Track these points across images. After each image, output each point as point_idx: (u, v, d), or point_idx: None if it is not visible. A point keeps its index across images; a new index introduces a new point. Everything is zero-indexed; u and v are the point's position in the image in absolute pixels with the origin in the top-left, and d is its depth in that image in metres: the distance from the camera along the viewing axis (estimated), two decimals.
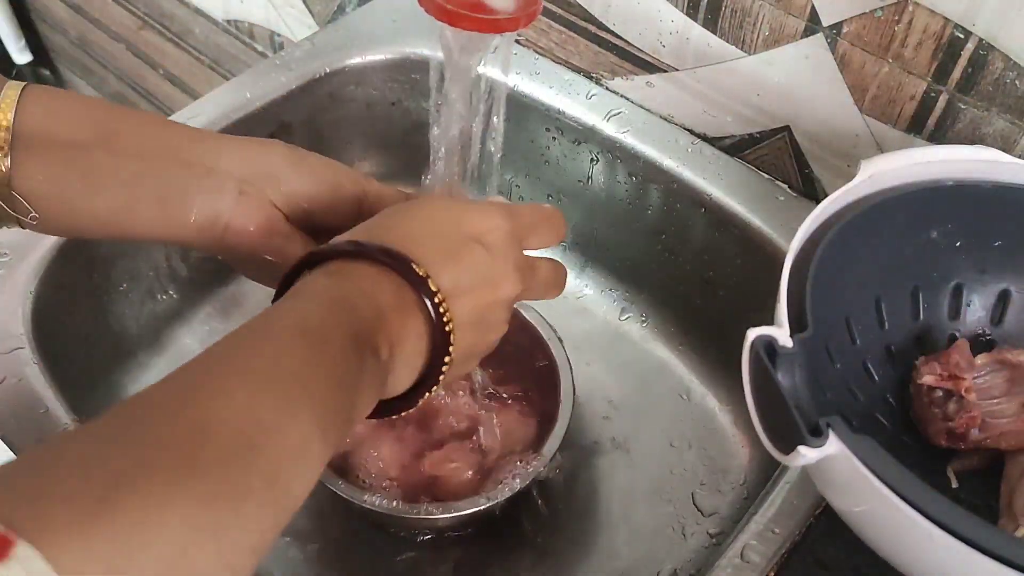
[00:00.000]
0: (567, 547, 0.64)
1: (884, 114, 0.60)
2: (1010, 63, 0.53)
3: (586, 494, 0.66)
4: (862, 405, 0.48)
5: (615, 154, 0.72)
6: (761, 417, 0.40)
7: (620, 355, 0.75)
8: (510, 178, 0.80)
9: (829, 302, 0.45)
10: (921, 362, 0.49)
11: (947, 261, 0.51)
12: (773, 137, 0.67)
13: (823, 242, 0.46)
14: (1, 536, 0.22)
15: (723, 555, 0.49)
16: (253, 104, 0.71)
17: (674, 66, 0.69)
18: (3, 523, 0.23)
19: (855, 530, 0.42)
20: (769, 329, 0.40)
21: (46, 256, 0.61)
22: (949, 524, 0.35)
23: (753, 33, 0.63)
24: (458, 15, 0.45)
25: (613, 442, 0.69)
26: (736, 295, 0.69)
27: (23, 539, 0.22)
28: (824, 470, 0.40)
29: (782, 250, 0.62)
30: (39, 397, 0.54)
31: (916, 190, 0.50)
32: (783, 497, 0.51)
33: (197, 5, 1.13)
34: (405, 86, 0.78)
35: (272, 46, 1.08)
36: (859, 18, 0.57)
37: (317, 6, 0.96)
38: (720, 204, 0.67)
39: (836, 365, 0.48)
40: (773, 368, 0.39)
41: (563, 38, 0.75)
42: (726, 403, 0.71)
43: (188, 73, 1.27)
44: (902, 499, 0.36)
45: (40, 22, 1.53)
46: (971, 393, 0.46)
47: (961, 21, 0.53)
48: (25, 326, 0.58)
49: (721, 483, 0.67)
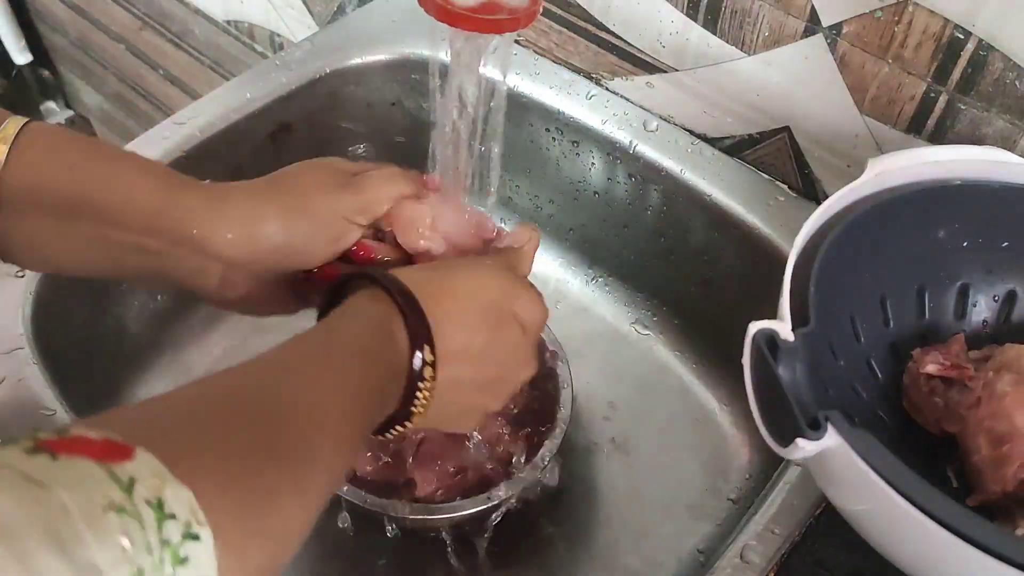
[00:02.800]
0: (567, 547, 0.64)
1: (884, 114, 0.60)
2: (1010, 63, 0.53)
3: (586, 494, 0.66)
4: (865, 402, 0.48)
5: (615, 154, 0.72)
6: (761, 410, 0.40)
7: (620, 355, 0.75)
8: (510, 179, 0.80)
9: (834, 299, 0.45)
10: (919, 353, 0.49)
11: (953, 261, 0.51)
12: (773, 137, 0.67)
13: (828, 238, 0.46)
14: (123, 445, 0.26)
15: (723, 555, 0.49)
16: (253, 104, 0.71)
17: (674, 66, 0.69)
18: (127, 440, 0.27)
19: (854, 526, 0.42)
20: (771, 323, 0.41)
21: None
22: (945, 519, 0.35)
23: (753, 34, 0.63)
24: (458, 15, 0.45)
25: (613, 443, 0.69)
26: (736, 295, 0.69)
27: (141, 447, 0.27)
28: (823, 464, 0.40)
29: (782, 250, 0.63)
30: (39, 397, 0.54)
31: (923, 189, 0.50)
32: (783, 497, 0.51)
33: (197, 5, 1.13)
34: (405, 86, 0.78)
35: (272, 46, 1.08)
36: (859, 18, 0.57)
37: (317, 6, 0.96)
38: (720, 204, 0.67)
39: (840, 362, 0.48)
40: (774, 361, 0.39)
41: (563, 39, 0.75)
42: (726, 403, 0.71)
43: (188, 73, 1.27)
44: (899, 493, 0.36)
45: (40, 22, 1.53)
46: (975, 381, 0.47)
47: (961, 21, 0.53)
48: (25, 326, 0.58)
49: (721, 483, 0.67)
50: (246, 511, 0.30)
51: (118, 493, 0.25)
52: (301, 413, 0.35)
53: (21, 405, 0.54)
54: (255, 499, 0.30)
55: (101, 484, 0.25)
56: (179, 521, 0.26)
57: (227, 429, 0.32)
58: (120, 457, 0.26)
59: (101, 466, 0.25)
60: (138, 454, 0.27)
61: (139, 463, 0.26)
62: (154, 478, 0.26)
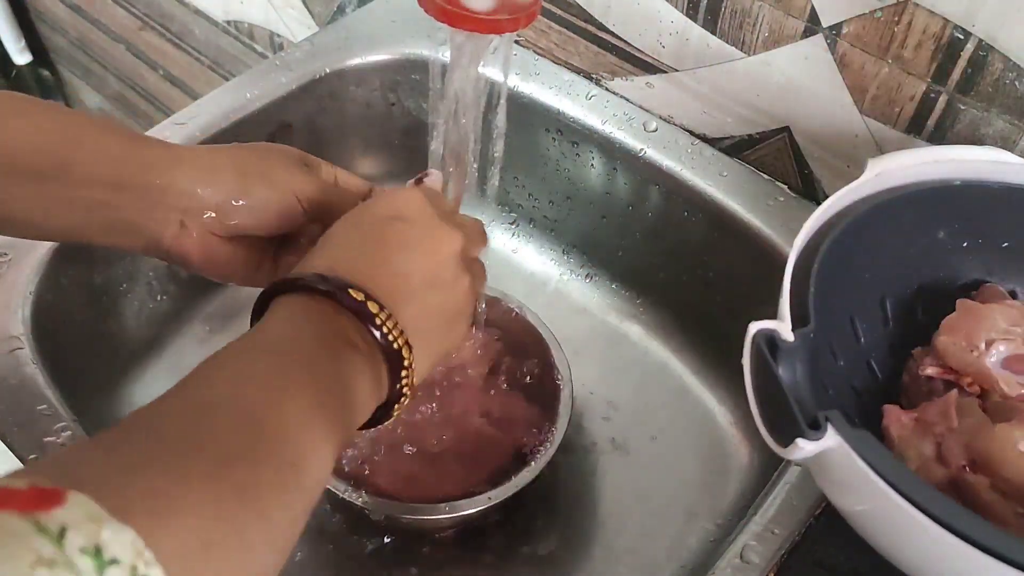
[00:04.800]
0: (566, 548, 0.64)
1: (884, 115, 0.60)
2: (1010, 64, 0.53)
3: (586, 494, 0.66)
4: (865, 403, 0.48)
5: (615, 155, 0.72)
6: (761, 410, 0.40)
7: (620, 355, 0.75)
8: (510, 179, 0.80)
9: (834, 300, 0.45)
10: (919, 353, 0.49)
11: (954, 261, 0.51)
12: (773, 138, 0.67)
13: (829, 238, 0.46)
14: (52, 490, 0.24)
15: (723, 555, 0.49)
16: (253, 104, 0.71)
17: (674, 67, 0.69)
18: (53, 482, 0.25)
19: (854, 526, 0.42)
20: (771, 323, 0.41)
21: (46, 256, 0.61)
22: (945, 519, 0.35)
23: (753, 34, 0.63)
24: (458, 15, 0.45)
25: (613, 442, 0.69)
26: (736, 295, 0.69)
27: (74, 489, 0.25)
28: (822, 464, 0.40)
29: (782, 250, 0.63)
30: (39, 397, 0.54)
31: (924, 189, 0.50)
32: (783, 497, 0.51)
33: (197, 6, 1.13)
34: (405, 86, 0.78)
35: (272, 47, 1.08)
36: (859, 19, 0.57)
37: (317, 7, 0.96)
38: (720, 205, 0.67)
39: (840, 363, 0.48)
40: (774, 362, 0.39)
41: (563, 39, 0.75)
42: (726, 403, 0.71)
43: (188, 74, 1.27)
44: (899, 493, 0.36)
45: (40, 22, 1.53)
46: (973, 385, 0.47)
47: (961, 22, 0.53)
48: (25, 326, 0.58)
49: (721, 483, 0.67)
50: (202, 544, 0.27)
51: (47, 547, 0.23)
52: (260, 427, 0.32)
53: (21, 405, 0.54)
54: (212, 528, 0.28)
55: (26, 539, 0.23)
56: (123, 565, 0.24)
57: (169, 456, 0.29)
58: (49, 504, 0.24)
59: (26, 519, 0.23)
60: (69, 497, 0.25)
61: (71, 508, 0.24)
62: (89, 523, 0.24)
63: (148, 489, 0.27)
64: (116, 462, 0.28)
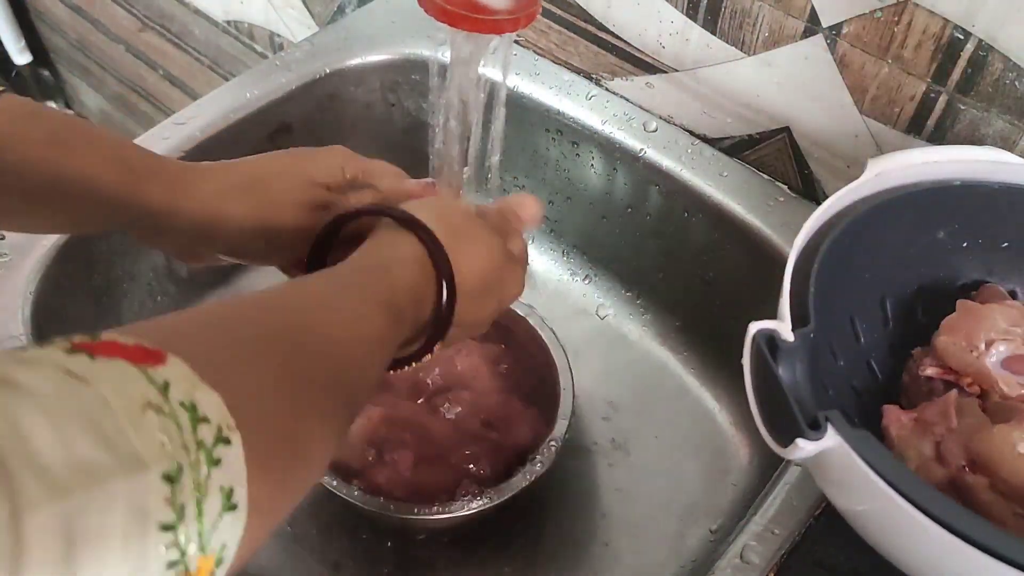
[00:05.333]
0: (567, 548, 0.64)
1: (884, 115, 0.60)
2: (1009, 64, 0.53)
3: (586, 494, 0.66)
4: (865, 403, 0.48)
5: (615, 155, 0.72)
6: (761, 410, 0.40)
7: (620, 356, 0.75)
8: (510, 179, 0.80)
9: (834, 300, 0.45)
10: (919, 353, 0.49)
11: (954, 261, 0.51)
12: (773, 138, 0.67)
13: (829, 238, 0.46)
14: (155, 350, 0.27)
15: (723, 555, 0.49)
16: (253, 105, 0.71)
17: (674, 67, 0.69)
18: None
19: (854, 526, 0.42)
20: (771, 323, 0.41)
21: (46, 256, 0.61)
22: (945, 519, 0.35)
23: (753, 34, 0.63)
24: (458, 15, 0.45)
25: (613, 443, 0.69)
26: (736, 295, 0.69)
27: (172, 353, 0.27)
28: (822, 464, 0.40)
29: (782, 250, 0.63)
30: None
31: (923, 189, 0.50)
32: (783, 498, 0.51)
33: (197, 6, 1.13)
34: (405, 86, 0.78)
35: (272, 47, 1.08)
36: (859, 19, 0.57)
37: (317, 7, 0.96)
38: (720, 205, 0.67)
39: (840, 363, 0.48)
40: (774, 362, 0.39)
41: (563, 39, 0.75)
42: (726, 403, 0.71)
43: (188, 74, 1.27)
44: (899, 493, 0.36)
45: (40, 23, 1.53)
46: (973, 385, 0.47)
47: (961, 22, 0.53)
48: (25, 326, 0.58)
49: (721, 483, 0.67)
50: (272, 424, 0.30)
51: (155, 394, 0.25)
52: (330, 339, 0.36)
53: None
54: (281, 414, 0.31)
55: (138, 383, 0.25)
56: (212, 424, 0.26)
57: (257, 344, 0.32)
58: (153, 361, 0.26)
59: (137, 367, 0.26)
60: (170, 359, 0.27)
61: (171, 367, 0.27)
62: (186, 382, 0.27)
63: (233, 368, 0.30)
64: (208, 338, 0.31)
